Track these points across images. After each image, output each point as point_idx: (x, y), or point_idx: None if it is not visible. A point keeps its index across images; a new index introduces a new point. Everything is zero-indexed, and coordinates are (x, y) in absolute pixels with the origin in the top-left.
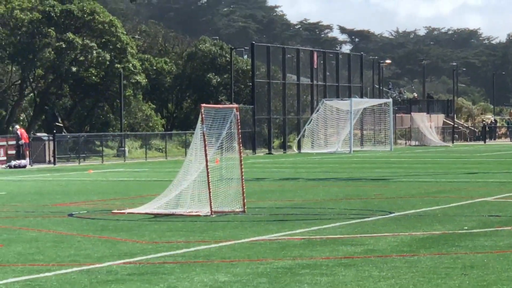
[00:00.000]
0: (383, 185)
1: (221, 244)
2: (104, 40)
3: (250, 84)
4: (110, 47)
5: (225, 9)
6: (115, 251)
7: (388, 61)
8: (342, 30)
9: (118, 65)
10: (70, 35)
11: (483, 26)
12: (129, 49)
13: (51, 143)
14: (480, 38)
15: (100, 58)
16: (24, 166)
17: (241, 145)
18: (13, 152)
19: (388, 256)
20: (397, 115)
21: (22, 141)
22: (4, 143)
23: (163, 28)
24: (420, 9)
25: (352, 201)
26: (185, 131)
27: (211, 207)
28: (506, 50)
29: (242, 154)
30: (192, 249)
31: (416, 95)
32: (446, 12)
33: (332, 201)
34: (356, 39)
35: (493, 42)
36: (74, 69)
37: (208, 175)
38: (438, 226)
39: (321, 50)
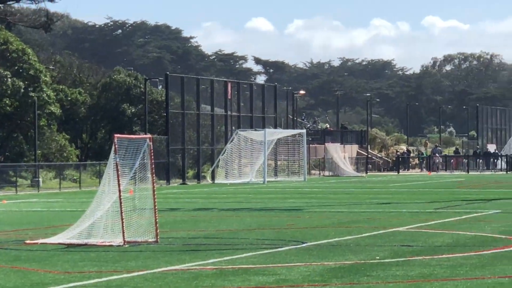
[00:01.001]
0: (296, 215)
1: (133, 274)
2: (17, 67)
3: (165, 114)
4: (24, 74)
5: (140, 40)
6: (27, 281)
7: (302, 91)
8: (257, 61)
9: (33, 94)
10: None
11: (396, 57)
12: (42, 77)
13: None
14: (394, 69)
15: (14, 87)
16: None
17: (154, 175)
18: None
19: (300, 286)
20: (311, 145)
21: None
22: None
23: (77, 59)
24: (334, 40)
25: (265, 231)
26: (99, 161)
27: (124, 237)
28: (420, 81)
29: (155, 184)
30: (104, 279)
31: (328, 125)
32: (359, 43)
33: (245, 231)
34: (271, 70)
35: (407, 73)
36: None
37: (121, 205)
38: (350, 256)
39: (236, 80)
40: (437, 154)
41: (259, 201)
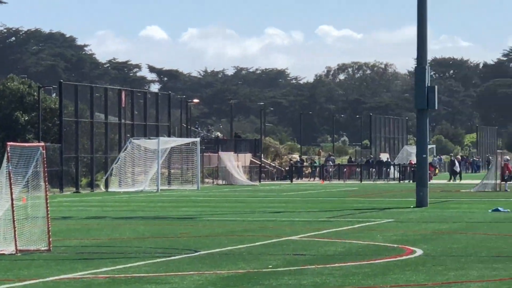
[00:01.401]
0: (190, 223)
1: (25, 283)
2: None
3: (58, 122)
4: None
5: (34, 48)
6: None
7: (196, 100)
8: (151, 69)
9: None
10: None
11: (290, 66)
12: None
13: None
14: (288, 78)
15: None
16: None
17: (47, 183)
18: None
19: None
20: (204, 154)
21: None
22: None
23: None
24: (228, 49)
25: (158, 240)
26: None
27: (16, 245)
28: (314, 90)
29: (48, 192)
30: None
31: (219, 134)
32: (253, 52)
33: (138, 240)
34: (165, 79)
35: (301, 82)
36: None
37: (13, 214)
38: (243, 264)
39: (130, 89)
40: (330, 163)
41: (152, 209)
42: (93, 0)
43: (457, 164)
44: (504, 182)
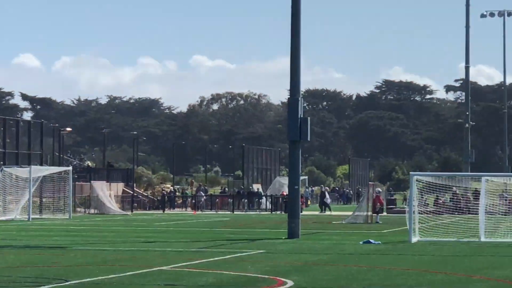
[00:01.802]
0: (61, 253)
1: None
2: None
3: None
4: None
5: None
6: None
7: (68, 129)
8: (24, 97)
9: None
10: None
11: (164, 96)
12: None
13: None
14: (161, 108)
15: None
16: None
17: None
18: None
19: None
20: (77, 183)
21: None
22: None
23: None
24: (101, 78)
25: (28, 269)
26: None
27: None
28: (187, 120)
29: None
30: None
31: (89, 163)
32: (126, 81)
33: (8, 269)
34: (38, 107)
35: (174, 111)
36: None
37: None
38: None
39: (2, 116)
40: (201, 193)
41: (23, 238)
42: None
43: (327, 195)
44: (375, 214)
